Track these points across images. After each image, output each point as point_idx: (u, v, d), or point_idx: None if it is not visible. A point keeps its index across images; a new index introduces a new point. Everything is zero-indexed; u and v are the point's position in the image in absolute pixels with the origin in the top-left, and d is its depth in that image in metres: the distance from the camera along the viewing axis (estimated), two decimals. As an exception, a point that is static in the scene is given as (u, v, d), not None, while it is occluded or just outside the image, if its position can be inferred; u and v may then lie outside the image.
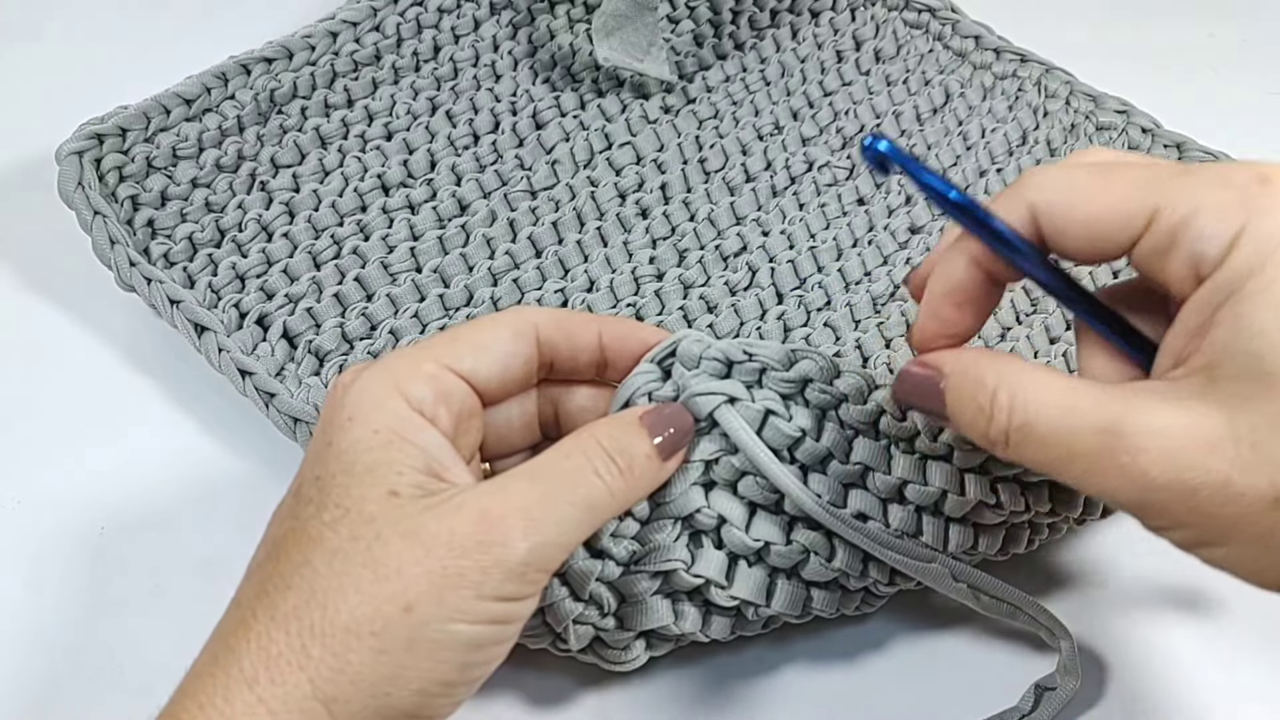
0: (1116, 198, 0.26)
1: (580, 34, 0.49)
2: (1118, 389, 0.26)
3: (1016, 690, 0.34)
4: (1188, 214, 0.25)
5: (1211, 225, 0.25)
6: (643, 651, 0.33)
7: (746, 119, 0.49)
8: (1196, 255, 0.25)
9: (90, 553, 0.37)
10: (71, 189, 0.41)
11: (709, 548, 0.32)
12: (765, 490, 0.31)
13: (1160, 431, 0.24)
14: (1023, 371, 0.27)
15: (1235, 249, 0.25)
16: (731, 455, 0.31)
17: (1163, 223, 0.26)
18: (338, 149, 0.45)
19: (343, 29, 0.47)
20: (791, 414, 0.31)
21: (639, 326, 0.33)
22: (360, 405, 0.28)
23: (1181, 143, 0.50)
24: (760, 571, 0.32)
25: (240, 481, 0.39)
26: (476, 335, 0.30)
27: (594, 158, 0.46)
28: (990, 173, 0.48)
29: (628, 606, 0.32)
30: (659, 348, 0.32)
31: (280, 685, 0.25)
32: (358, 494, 0.27)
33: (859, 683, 0.35)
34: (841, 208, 0.46)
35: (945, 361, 0.29)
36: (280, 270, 0.41)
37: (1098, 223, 0.27)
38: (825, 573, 0.32)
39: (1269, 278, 0.24)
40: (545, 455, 0.29)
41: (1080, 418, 0.25)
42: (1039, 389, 0.26)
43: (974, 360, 0.28)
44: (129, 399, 0.41)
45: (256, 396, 0.38)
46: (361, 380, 0.29)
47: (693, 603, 0.32)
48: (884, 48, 0.53)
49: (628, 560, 0.31)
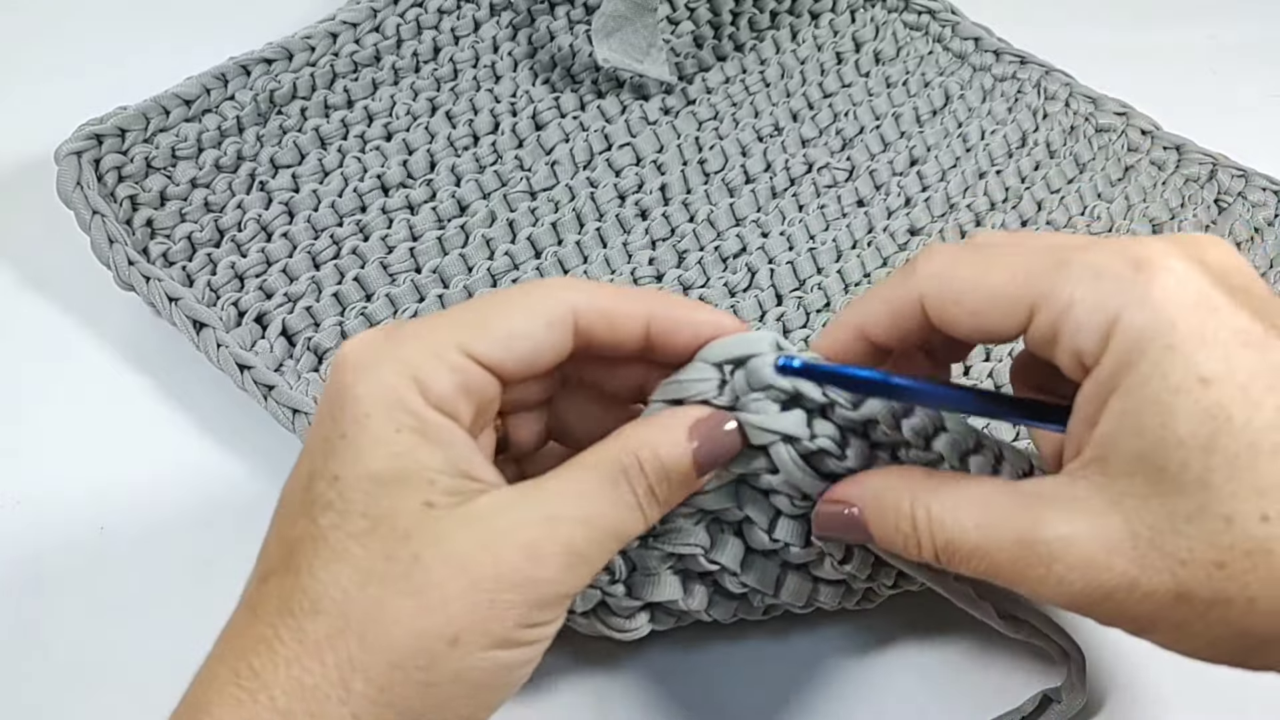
0: (995, 290, 0.26)
1: (580, 35, 0.49)
2: (1029, 493, 0.26)
3: (1017, 690, 0.34)
4: (1063, 308, 0.25)
5: (1087, 319, 0.25)
6: (645, 623, 0.33)
7: (746, 120, 0.49)
8: (1078, 349, 0.25)
9: (90, 552, 0.37)
10: (70, 189, 0.41)
11: (728, 536, 0.32)
12: (797, 505, 0.31)
13: (1069, 539, 0.24)
14: (935, 489, 0.27)
15: (1111, 341, 0.24)
16: (773, 475, 0.30)
17: (1044, 316, 0.26)
18: (337, 149, 0.45)
19: (343, 30, 0.47)
20: (846, 454, 0.30)
21: (693, 314, 0.30)
22: (376, 399, 0.26)
23: (1181, 144, 0.50)
24: (773, 564, 0.32)
25: (240, 480, 0.39)
26: (508, 322, 0.27)
27: (593, 159, 0.46)
28: (990, 174, 0.48)
29: (638, 576, 0.32)
30: (728, 351, 0.29)
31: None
32: (388, 505, 0.25)
33: (860, 681, 0.35)
34: (841, 209, 0.46)
35: (852, 494, 0.28)
36: (279, 270, 0.41)
37: (980, 315, 0.27)
38: (836, 573, 0.32)
39: (1144, 374, 0.24)
40: (589, 475, 0.27)
41: (996, 531, 0.25)
42: (954, 505, 0.26)
43: (884, 485, 0.28)
44: (128, 398, 0.41)
45: (255, 390, 0.38)
46: (375, 369, 0.26)
47: (703, 583, 0.33)
48: (884, 50, 0.53)
49: (647, 535, 0.31)
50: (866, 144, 0.49)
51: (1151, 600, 0.24)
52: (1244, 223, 0.48)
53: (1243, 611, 0.24)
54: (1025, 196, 0.48)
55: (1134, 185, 0.49)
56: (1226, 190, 0.49)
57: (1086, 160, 0.50)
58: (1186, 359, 0.24)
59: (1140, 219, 0.48)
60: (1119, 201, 0.48)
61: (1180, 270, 0.25)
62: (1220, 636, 0.24)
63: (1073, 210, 0.48)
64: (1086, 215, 0.48)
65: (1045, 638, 0.34)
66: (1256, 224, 0.48)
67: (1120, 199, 0.48)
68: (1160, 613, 0.24)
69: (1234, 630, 0.24)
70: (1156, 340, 0.24)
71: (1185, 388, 0.24)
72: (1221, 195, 0.49)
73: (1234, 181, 0.49)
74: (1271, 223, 0.48)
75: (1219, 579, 0.24)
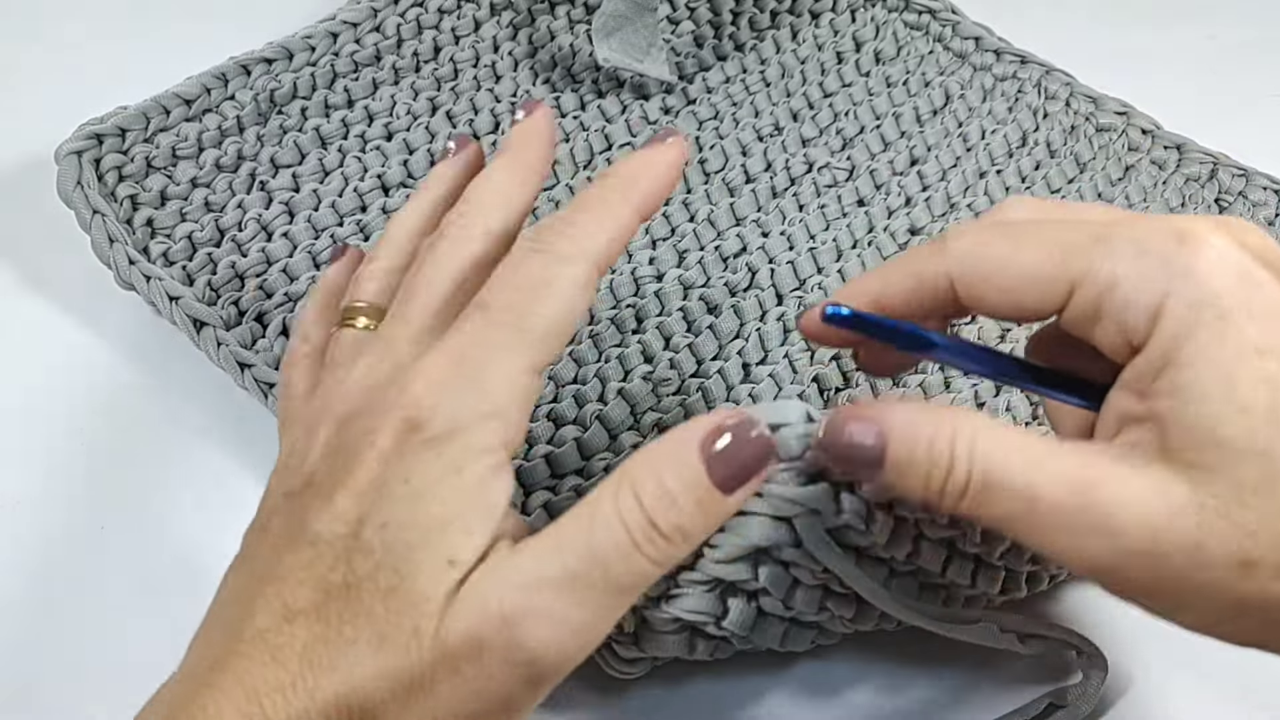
0: (1030, 269, 0.26)
1: (580, 35, 0.49)
2: (1084, 451, 0.25)
3: (1021, 692, 0.34)
4: (1108, 285, 0.25)
5: (1134, 296, 0.24)
6: (649, 666, 0.33)
7: (746, 120, 0.49)
8: (1124, 326, 0.25)
9: (91, 552, 0.37)
10: (70, 188, 0.41)
11: (740, 601, 0.30)
12: (819, 576, 0.30)
13: (1129, 497, 0.24)
14: (986, 425, 0.25)
15: (1161, 317, 0.24)
16: (795, 548, 0.29)
17: (1084, 294, 0.25)
18: (338, 149, 0.45)
19: (343, 29, 0.47)
20: (872, 530, 0.28)
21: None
22: (454, 432, 0.25)
23: (1181, 144, 0.50)
24: (781, 624, 0.32)
25: (241, 480, 0.39)
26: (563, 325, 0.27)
27: (594, 158, 0.46)
28: (990, 174, 0.48)
29: (644, 629, 0.31)
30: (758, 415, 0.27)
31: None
32: (416, 560, 0.24)
33: (861, 680, 0.35)
34: (841, 209, 0.46)
35: (887, 416, 0.26)
36: (280, 270, 0.41)
37: (1014, 293, 0.26)
38: (845, 629, 0.32)
39: (1201, 343, 0.24)
40: (574, 523, 0.25)
41: (1047, 474, 0.24)
42: (1001, 440, 0.25)
43: (923, 411, 0.26)
44: (129, 398, 0.41)
45: (255, 388, 0.38)
46: (453, 394, 0.25)
47: (708, 640, 0.32)
48: (884, 49, 0.53)
49: (658, 596, 0.30)
50: (867, 143, 0.49)
51: (1214, 568, 0.23)
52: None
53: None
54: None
55: (1135, 185, 0.49)
56: (1227, 189, 0.49)
57: (1087, 160, 0.50)
58: (1240, 328, 0.24)
59: (1141, 218, 0.48)
60: (1119, 201, 0.48)
61: (1223, 246, 0.24)
62: (1276, 611, 0.24)
63: (1073, 210, 0.48)
64: (1087, 215, 0.48)
65: (1069, 646, 0.33)
66: (1257, 223, 0.48)
67: (1121, 198, 0.48)
68: (1221, 582, 0.24)
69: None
70: (1209, 310, 0.24)
71: (1244, 356, 0.23)
72: (1222, 194, 0.49)
73: (1235, 181, 0.49)
74: (1273, 222, 0.48)
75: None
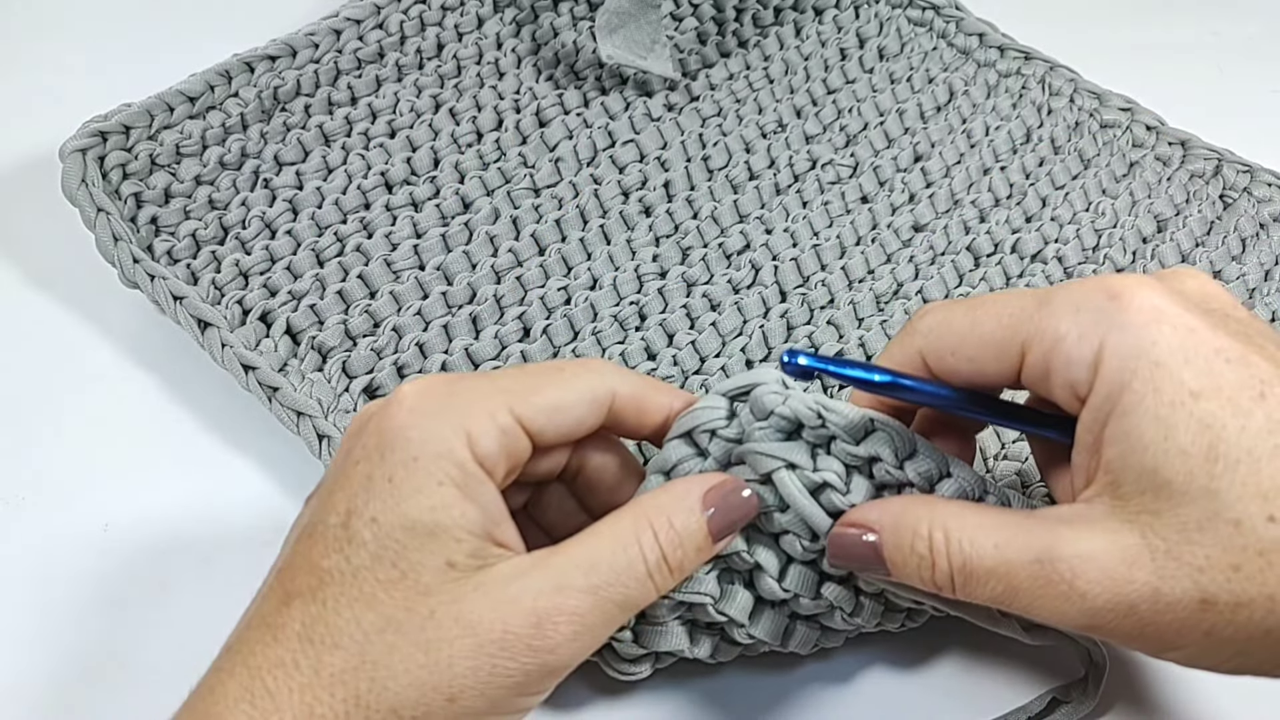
0: (986, 336, 0.28)
1: (584, 31, 0.49)
2: (1043, 518, 0.27)
3: (1024, 689, 0.34)
4: (1051, 344, 0.27)
5: (1075, 351, 0.26)
6: (649, 667, 0.33)
7: (750, 116, 0.49)
8: (1070, 380, 0.27)
9: (95, 551, 0.37)
10: (75, 187, 0.41)
11: (738, 587, 0.31)
12: (807, 549, 0.31)
13: (1088, 556, 0.25)
14: (952, 512, 0.27)
15: (1100, 369, 0.26)
16: (780, 512, 0.30)
17: (1034, 355, 0.27)
18: (341, 146, 0.45)
19: (346, 26, 0.47)
20: (850, 488, 0.30)
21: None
22: (426, 445, 0.27)
23: (1185, 140, 0.50)
24: (782, 616, 0.32)
25: (244, 479, 0.39)
26: (559, 394, 0.29)
27: (597, 155, 0.46)
28: (994, 171, 0.48)
29: (645, 625, 0.32)
30: (735, 383, 0.31)
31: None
32: (415, 559, 0.26)
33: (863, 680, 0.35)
34: (845, 205, 0.46)
35: (870, 517, 0.29)
36: (284, 267, 0.41)
37: (976, 361, 0.29)
38: (845, 624, 0.32)
39: (1137, 392, 0.25)
40: (601, 544, 0.28)
41: (1015, 551, 0.26)
42: (973, 527, 0.27)
43: (902, 509, 0.28)
44: (133, 396, 0.41)
45: (260, 391, 0.38)
46: (432, 416, 0.28)
47: (709, 633, 0.32)
48: (888, 45, 0.53)
49: None
50: (870, 140, 0.49)
51: (1176, 609, 0.25)
52: (1249, 218, 0.48)
53: (1266, 611, 0.24)
54: (1029, 193, 0.48)
55: (1139, 181, 0.49)
56: (1232, 186, 0.49)
57: (1091, 156, 0.50)
58: (1173, 374, 0.25)
59: (1145, 215, 0.48)
60: (1124, 197, 0.48)
61: (1153, 296, 0.26)
62: (1252, 640, 0.25)
63: (1077, 206, 0.48)
64: (1091, 211, 0.48)
65: (1070, 640, 0.33)
66: (1262, 219, 0.48)
67: (1125, 195, 0.48)
68: (1188, 621, 0.25)
69: (1262, 630, 0.25)
70: (1143, 359, 0.25)
71: (1179, 401, 0.25)
72: (1227, 191, 0.49)
73: (1239, 177, 0.49)
74: (1277, 218, 0.48)
75: (1237, 581, 0.24)
